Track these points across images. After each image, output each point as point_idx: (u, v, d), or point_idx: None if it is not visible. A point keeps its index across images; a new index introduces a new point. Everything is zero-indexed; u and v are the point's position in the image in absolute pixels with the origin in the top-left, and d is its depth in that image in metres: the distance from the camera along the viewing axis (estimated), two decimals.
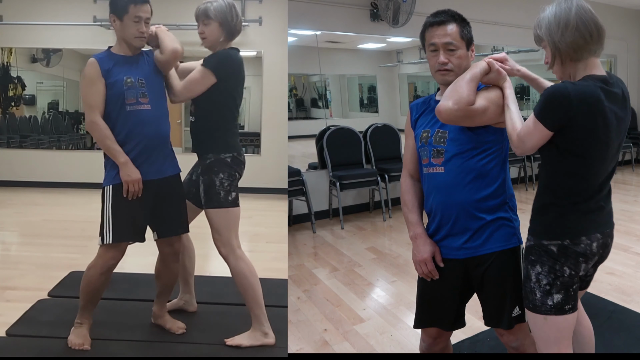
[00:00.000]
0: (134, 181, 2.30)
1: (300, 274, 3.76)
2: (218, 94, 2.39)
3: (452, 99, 1.62)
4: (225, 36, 2.42)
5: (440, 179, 1.75)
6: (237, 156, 2.46)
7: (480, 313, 1.85)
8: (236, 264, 2.45)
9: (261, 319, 2.49)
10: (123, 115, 2.32)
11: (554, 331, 1.61)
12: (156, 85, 2.41)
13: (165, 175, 2.43)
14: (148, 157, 2.36)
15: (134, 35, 2.33)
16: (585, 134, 1.50)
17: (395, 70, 6.72)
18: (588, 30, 1.52)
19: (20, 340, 2.56)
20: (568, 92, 1.48)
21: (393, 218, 5.35)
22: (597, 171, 1.57)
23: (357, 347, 2.71)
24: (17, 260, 3.97)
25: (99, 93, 2.30)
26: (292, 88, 6.41)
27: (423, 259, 1.82)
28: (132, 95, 2.32)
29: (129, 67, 2.36)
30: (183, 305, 2.88)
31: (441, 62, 1.73)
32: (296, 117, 6.38)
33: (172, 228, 2.51)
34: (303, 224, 5.11)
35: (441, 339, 1.96)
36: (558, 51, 1.56)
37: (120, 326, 2.71)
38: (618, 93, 1.55)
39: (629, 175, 7.64)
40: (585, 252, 1.59)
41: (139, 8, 2.29)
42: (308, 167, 5.53)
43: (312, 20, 5.25)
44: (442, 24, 1.73)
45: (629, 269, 3.72)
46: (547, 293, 1.60)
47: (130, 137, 2.33)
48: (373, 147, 5.61)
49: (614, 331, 2.73)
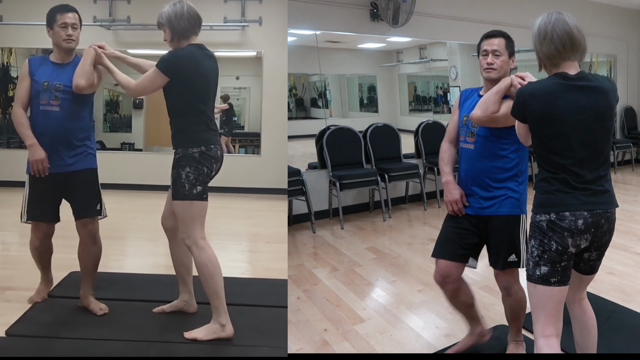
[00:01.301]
0: (37, 160, 2.68)
1: (300, 274, 3.76)
2: (177, 92, 2.53)
3: (480, 109, 2.19)
4: (176, 37, 2.56)
5: (470, 152, 2.35)
6: (206, 151, 2.53)
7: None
8: (198, 254, 2.53)
9: (219, 311, 2.54)
10: (36, 113, 2.75)
11: (540, 299, 1.86)
12: (74, 92, 2.72)
13: (69, 170, 2.75)
14: (56, 152, 2.72)
15: (62, 39, 2.76)
16: (539, 118, 1.83)
17: (395, 70, 6.72)
18: (562, 42, 1.82)
19: (20, 340, 2.56)
20: (522, 90, 1.88)
21: (393, 218, 5.35)
22: (563, 152, 1.81)
23: (357, 347, 2.71)
24: (17, 260, 3.97)
25: (24, 88, 2.78)
26: (292, 88, 6.41)
27: (454, 199, 2.37)
28: (45, 97, 2.73)
29: (52, 72, 2.77)
30: (183, 306, 2.88)
31: (489, 62, 2.30)
32: (296, 117, 6.38)
33: (83, 211, 2.80)
34: (303, 224, 5.11)
35: (449, 278, 2.36)
36: (540, 59, 1.90)
37: (120, 326, 2.71)
38: (587, 85, 1.82)
39: (629, 175, 7.65)
40: (570, 227, 1.80)
41: (64, 16, 2.76)
42: (308, 167, 5.53)
43: (312, 20, 5.25)
44: (493, 37, 2.34)
45: (629, 269, 3.72)
46: (536, 264, 1.86)
47: (41, 132, 2.72)
48: (373, 147, 5.61)
49: (614, 331, 2.73)
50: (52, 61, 2.83)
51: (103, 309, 2.85)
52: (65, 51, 2.81)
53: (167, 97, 2.57)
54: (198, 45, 2.59)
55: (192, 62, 2.53)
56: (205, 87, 2.58)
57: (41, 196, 2.78)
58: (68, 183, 2.76)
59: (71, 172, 2.75)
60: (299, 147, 6.04)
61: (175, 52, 2.55)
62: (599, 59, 8.26)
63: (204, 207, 2.57)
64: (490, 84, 2.31)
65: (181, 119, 2.55)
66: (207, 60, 2.59)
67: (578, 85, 1.82)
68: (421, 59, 6.66)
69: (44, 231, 2.86)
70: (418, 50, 6.62)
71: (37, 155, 2.68)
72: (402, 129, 6.06)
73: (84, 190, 2.81)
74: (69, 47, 2.79)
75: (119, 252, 3.90)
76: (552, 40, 1.82)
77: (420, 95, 7.11)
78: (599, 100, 1.83)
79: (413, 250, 4.31)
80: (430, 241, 4.51)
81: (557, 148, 1.83)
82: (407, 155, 5.90)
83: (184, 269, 2.83)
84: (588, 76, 1.85)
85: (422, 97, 7.08)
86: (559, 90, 1.82)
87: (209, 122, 2.60)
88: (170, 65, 2.50)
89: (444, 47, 6.58)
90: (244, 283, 3.39)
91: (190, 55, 2.53)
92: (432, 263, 3.89)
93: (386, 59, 6.68)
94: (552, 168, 1.84)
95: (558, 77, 1.84)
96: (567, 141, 1.81)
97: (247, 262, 4.08)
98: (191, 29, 2.57)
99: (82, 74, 2.70)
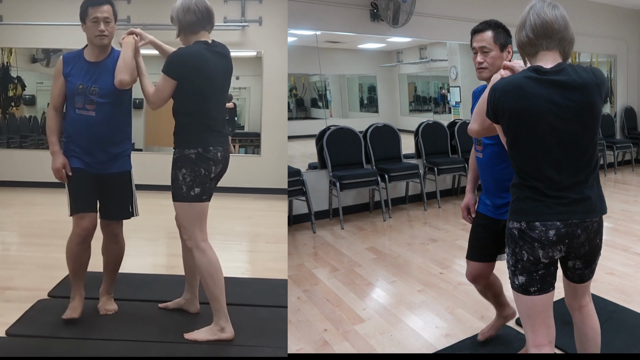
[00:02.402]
0: (55, 169, 2.66)
1: (300, 274, 3.76)
2: (182, 93, 2.47)
3: (477, 122, 1.94)
4: (182, 32, 2.51)
5: (480, 161, 2.33)
6: (203, 152, 2.47)
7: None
8: (199, 256, 2.50)
9: (219, 314, 2.53)
10: (71, 116, 2.66)
11: (523, 307, 1.76)
12: (110, 92, 2.62)
13: (104, 172, 2.69)
14: (91, 155, 2.65)
15: (94, 35, 2.60)
16: (510, 117, 1.67)
17: (395, 70, 6.72)
18: (532, 29, 1.67)
19: (20, 340, 2.56)
20: (494, 86, 1.71)
21: (393, 218, 5.35)
22: (536, 153, 1.66)
23: (357, 347, 2.71)
24: (17, 260, 3.97)
25: (58, 88, 2.69)
26: (292, 88, 6.41)
27: (461, 207, 2.53)
28: (80, 101, 2.62)
29: (87, 74, 2.63)
30: (184, 304, 2.88)
31: (478, 61, 2.18)
32: (296, 117, 6.38)
33: (108, 213, 2.79)
34: (303, 224, 5.11)
35: (480, 278, 2.44)
36: (519, 49, 1.76)
37: (120, 326, 2.71)
38: (563, 80, 1.63)
39: (629, 175, 7.64)
40: (540, 238, 1.67)
41: (96, 9, 2.58)
42: (308, 167, 5.53)
43: (312, 20, 5.25)
44: (480, 32, 2.19)
45: (629, 269, 3.72)
46: (513, 273, 1.75)
47: (76, 136, 2.66)
48: (373, 147, 5.60)
49: (614, 331, 2.72)
50: (86, 59, 2.67)
51: (108, 310, 2.84)
52: (99, 48, 2.65)
53: (172, 96, 2.51)
54: (205, 42, 2.50)
55: (196, 61, 2.45)
56: (211, 86, 2.51)
57: (83, 191, 2.69)
58: (102, 184, 2.72)
59: (106, 174, 2.70)
60: (299, 147, 6.04)
61: (179, 52, 2.48)
62: (599, 59, 8.25)
63: (204, 208, 2.53)
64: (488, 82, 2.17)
65: (180, 118, 2.51)
66: (215, 58, 2.50)
67: (553, 80, 1.63)
68: (421, 59, 6.66)
69: (87, 225, 2.67)
70: (418, 51, 6.62)
71: (56, 164, 2.65)
72: (402, 129, 6.06)
73: (116, 193, 2.76)
74: (102, 43, 2.62)
75: None
76: (523, 27, 1.69)
77: (420, 96, 7.11)
78: (577, 96, 1.63)
79: (413, 250, 4.31)
80: (431, 241, 4.51)
81: (530, 150, 1.66)
82: (407, 155, 5.90)
83: (190, 272, 2.83)
84: (567, 69, 1.65)
85: (422, 97, 7.09)
86: (530, 86, 1.63)
87: (211, 122, 2.51)
88: (175, 67, 2.44)
89: (444, 47, 6.57)
90: (244, 283, 3.38)
91: (195, 53, 2.45)
92: (432, 263, 3.92)
93: (386, 59, 6.68)
94: (525, 173, 1.69)
95: (530, 71, 1.67)
96: (541, 142, 1.65)
97: (247, 262, 4.08)
98: (198, 24, 2.48)
99: (126, 69, 2.55)
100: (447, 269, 3.78)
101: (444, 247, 4.32)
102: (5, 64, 6.83)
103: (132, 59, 2.58)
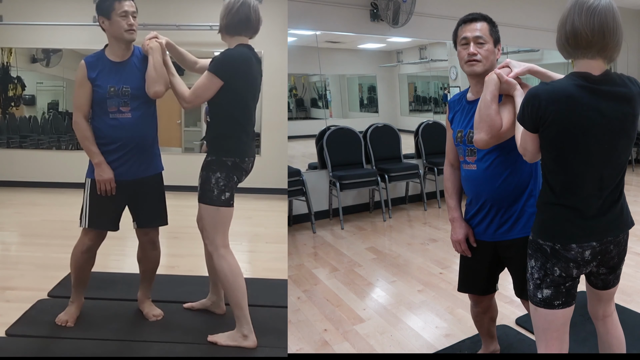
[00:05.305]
0: (105, 181, 2.49)
1: (300, 274, 3.76)
2: (224, 95, 2.37)
3: (484, 131, 1.77)
4: (223, 31, 2.43)
5: (474, 174, 1.99)
6: (239, 162, 2.45)
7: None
8: (218, 262, 2.46)
9: (241, 321, 2.48)
10: (105, 122, 2.49)
11: (542, 321, 1.69)
12: (142, 91, 2.49)
13: (141, 176, 2.58)
14: (126, 161, 2.52)
15: (124, 29, 2.45)
16: (558, 130, 1.53)
17: (395, 70, 6.72)
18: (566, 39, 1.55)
19: (20, 340, 2.56)
20: (537, 92, 1.53)
21: (393, 218, 5.35)
22: (583, 169, 1.56)
23: (357, 347, 2.71)
24: (17, 260, 3.97)
25: (84, 95, 2.49)
26: (292, 88, 6.41)
27: (457, 240, 2.09)
28: (114, 104, 2.47)
29: (115, 74, 2.49)
30: (210, 306, 2.89)
31: (471, 52, 1.91)
32: (296, 117, 6.38)
33: (147, 220, 2.68)
34: (303, 224, 5.11)
35: (481, 303, 2.24)
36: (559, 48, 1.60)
37: (120, 326, 2.71)
38: (613, 91, 1.53)
39: (629, 175, 7.64)
40: (575, 258, 1.60)
41: (123, 3, 2.44)
42: (308, 167, 5.53)
43: (312, 20, 5.25)
44: (474, 21, 1.94)
45: (629, 269, 3.71)
46: (537, 287, 1.67)
47: (111, 142, 2.50)
48: (373, 147, 5.61)
49: None
50: (110, 60, 2.52)
51: (157, 315, 2.78)
52: (126, 44, 2.51)
53: (212, 102, 2.42)
54: (249, 47, 2.43)
55: (245, 65, 2.39)
56: (252, 92, 2.48)
57: (105, 204, 2.54)
58: (137, 190, 2.59)
59: (142, 178, 2.59)
60: (299, 147, 6.04)
61: (229, 53, 2.38)
62: None
63: (230, 213, 2.48)
64: (476, 80, 1.95)
65: (220, 122, 2.43)
66: (256, 64, 2.47)
67: (603, 90, 1.52)
68: (421, 59, 6.66)
69: (95, 238, 2.62)
70: (418, 51, 6.63)
71: (105, 175, 2.48)
72: (402, 129, 6.06)
73: (152, 197, 2.66)
74: (132, 38, 2.49)
75: (119, 252, 3.90)
76: (563, 32, 1.54)
77: (420, 96, 7.11)
78: (625, 108, 1.54)
79: (413, 250, 4.31)
80: (431, 241, 4.51)
81: (577, 165, 1.54)
82: (407, 155, 5.91)
83: (216, 274, 2.74)
84: (615, 79, 1.55)
85: (422, 98, 7.09)
86: (582, 96, 1.49)
87: (250, 130, 2.49)
88: (225, 68, 2.34)
89: (444, 47, 6.57)
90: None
91: (244, 56, 2.39)
92: (432, 263, 3.92)
93: (386, 59, 6.68)
94: (565, 189, 1.57)
95: (578, 78, 1.52)
96: (588, 157, 1.53)
97: (247, 262, 4.07)
98: (238, 28, 2.40)
99: (159, 79, 2.44)
100: (447, 269, 3.78)
101: (444, 247, 4.32)
102: (5, 64, 6.83)
103: (162, 66, 2.46)
